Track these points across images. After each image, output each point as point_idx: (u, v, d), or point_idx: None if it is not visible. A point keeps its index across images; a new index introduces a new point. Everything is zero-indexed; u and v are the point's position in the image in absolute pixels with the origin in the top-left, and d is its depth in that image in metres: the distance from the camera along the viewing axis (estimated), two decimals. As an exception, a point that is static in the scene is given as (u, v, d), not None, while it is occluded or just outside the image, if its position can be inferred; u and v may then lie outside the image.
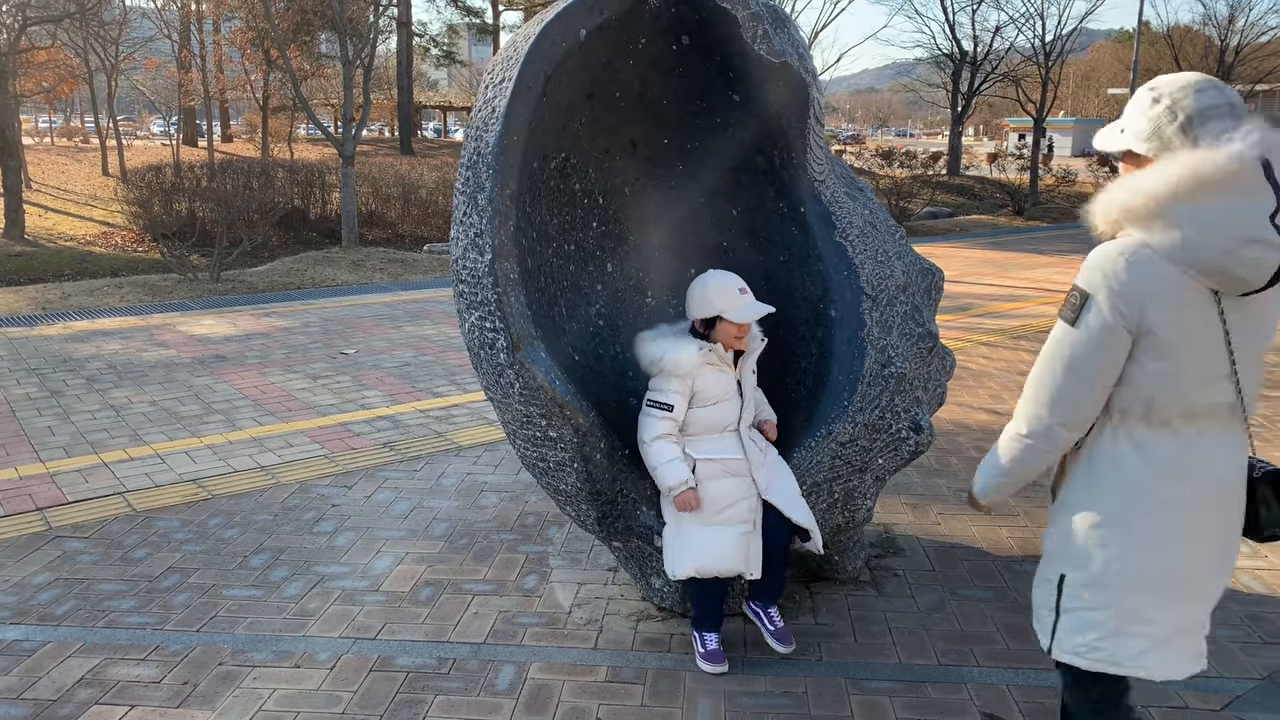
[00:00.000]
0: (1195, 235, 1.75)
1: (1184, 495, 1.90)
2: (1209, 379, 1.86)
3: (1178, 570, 1.93)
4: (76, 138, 43.10)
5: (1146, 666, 1.96)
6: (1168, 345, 1.83)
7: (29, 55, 20.25)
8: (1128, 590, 1.94)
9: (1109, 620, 1.96)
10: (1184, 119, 1.80)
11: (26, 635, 3.29)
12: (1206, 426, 1.90)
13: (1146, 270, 1.80)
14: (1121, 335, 1.84)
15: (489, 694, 2.94)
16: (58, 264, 12.70)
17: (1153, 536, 1.91)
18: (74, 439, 5.36)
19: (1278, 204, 1.71)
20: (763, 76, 3.34)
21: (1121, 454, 1.93)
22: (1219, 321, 1.83)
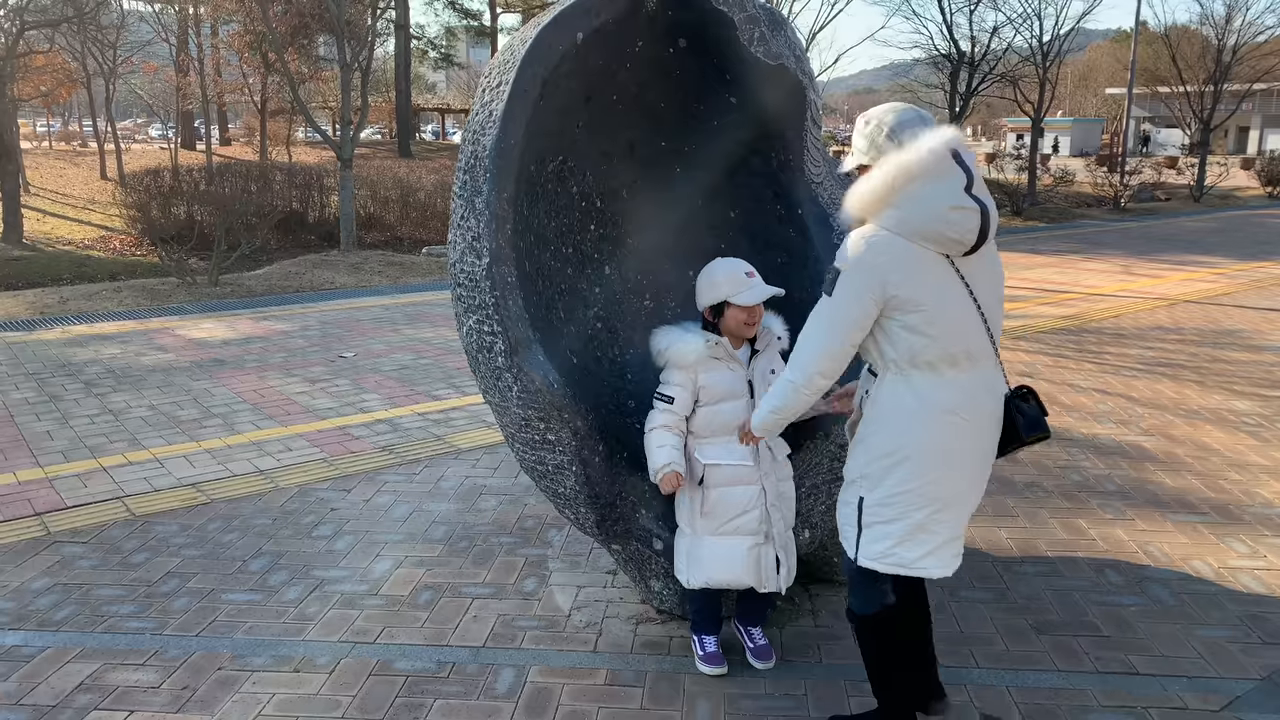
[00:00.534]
0: (912, 211, 2.25)
1: (953, 427, 2.33)
2: (962, 328, 2.31)
3: (950, 490, 2.37)
4: (75, 142, 43.10)
5: (925, 567, 2.41)
6: (914, 303, 2.28)
7: (27, 59, 20.25)
8: (912, 507, 2.37)
9: (899, 531, 2.39)
10: (889, 129, 2.33)
11: (25, 641, 3.29)
12: (968, 368, 2.34)
13: (882, 247, 2.28)
14: (865, 301, 2.29)
15: (488, 698, 2.94)
16: (56, 268, 12.69)
17: (929, 462, 2.34)
18: (72, 444, 5.35)
19: (968, 179, 2.25)
20: (760, 79, 3.34)
21: (900, 396, 2.35)
22: (959, 279, 2.30)
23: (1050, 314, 9.12)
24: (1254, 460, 5.02)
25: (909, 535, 2.39)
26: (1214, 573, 3.74)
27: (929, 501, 2.37)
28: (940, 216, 2.24)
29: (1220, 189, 26.35)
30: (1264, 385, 6.52)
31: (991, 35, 25.20)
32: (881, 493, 2.39)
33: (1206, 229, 17.48)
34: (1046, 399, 6.11)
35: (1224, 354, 7.45)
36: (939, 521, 2.38)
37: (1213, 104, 25.82)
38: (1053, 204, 22.10)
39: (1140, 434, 5.44)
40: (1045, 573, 3.74)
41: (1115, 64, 55.24)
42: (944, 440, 2.34)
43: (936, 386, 2.33)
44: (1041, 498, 4.49)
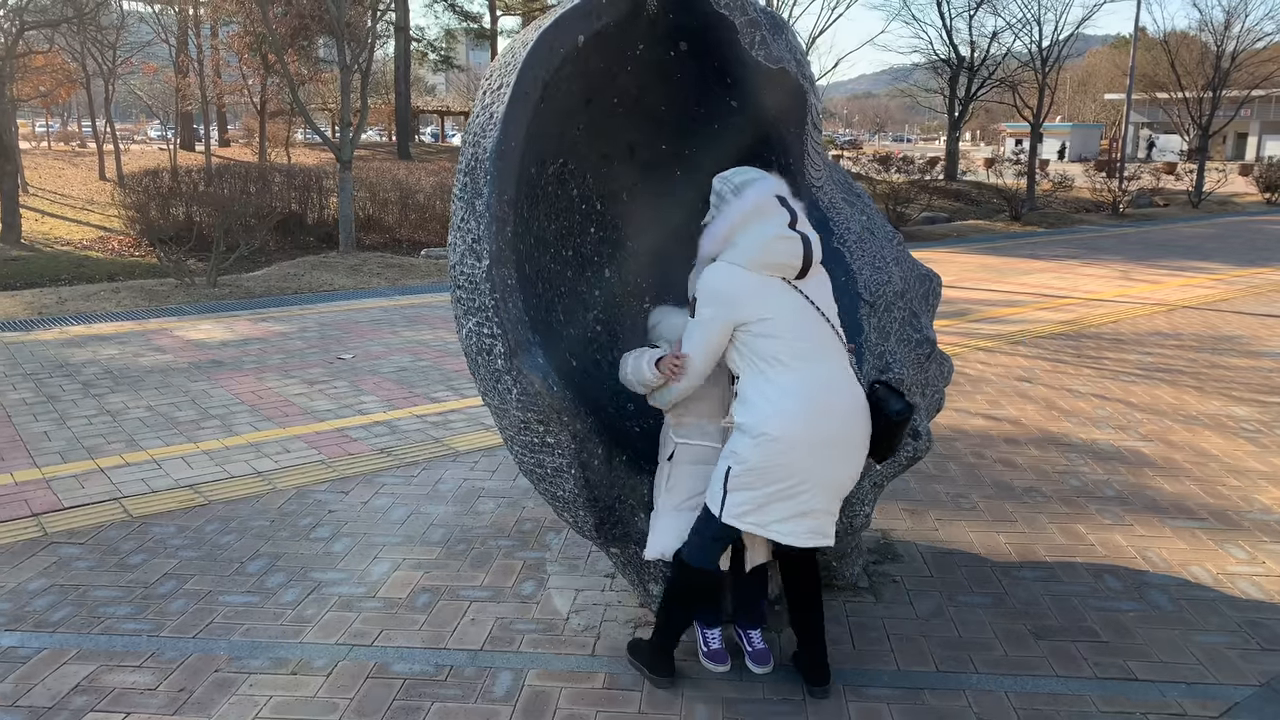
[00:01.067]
0: (746, 245, 2.80)
1: (805, 415, 2.73)
2: (805, 330, 2.79)
3: (803, 465, 2.75)
4: (74, 142, 43.08)
5: (779, 532, 2.81)
6: (758, 316, 2.77)
7: (26, 59, 20.24)
8: (770, 479, 2.76)
9: (757, 498, 2.78)
10: (733, 187, 2.90)
11: (22, 642, 3.28)
12: (816, 361, 2.79)
13: (728, 277, 2.80)
14: (720, 321, 2.80)
15: (486, 701, 2.93)
16: (54, 268, 12.68)
17: (785, 446, 2.73)
18: (70, 444, 5.34)
19: (791, 217, 2.83)
20: (760, 82, 3.34)
21: (760, 388, 2.79)
22: (800, 295, 2.82)
23: (1049, 319, 9.12)
24: (1252, 466, 5.02)
25: (766, 502, 2.78)
26: (1212, 578, 3.73)
27: (784, 477, 2.75)
28: (767, 247, 2.78)
29: (1218, 195, 26.41)
30: (1262, 391, 6.52)
31: (991, 40, 25.26)
32: (746, 465, 2.77)
33: (1205, 235, 17.50)
34: (1046, 404, 6.12)
35: (1222, 360, 7.45)
36: (792, 495, 2.77)
37: (1211, 110, 25.88)
38: (1051, 209, 22.12)
39: (1139, 439, 5.44)
40: (1044, 578, 3.74)
41: (1114, 69, 55.34)
42: (801, 425, 2.73)
43: (792, 379, 2.76)
44: (1040, 503, 4.48)
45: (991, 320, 9.07)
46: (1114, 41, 63.24)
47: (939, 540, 4.08)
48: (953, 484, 4.73)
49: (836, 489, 2.84)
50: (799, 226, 2.82)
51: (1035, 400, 6.23)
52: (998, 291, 10.76)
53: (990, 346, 7.89)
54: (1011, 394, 6.38)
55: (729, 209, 2.85)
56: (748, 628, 3.15)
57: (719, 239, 2.85)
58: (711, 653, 3.07)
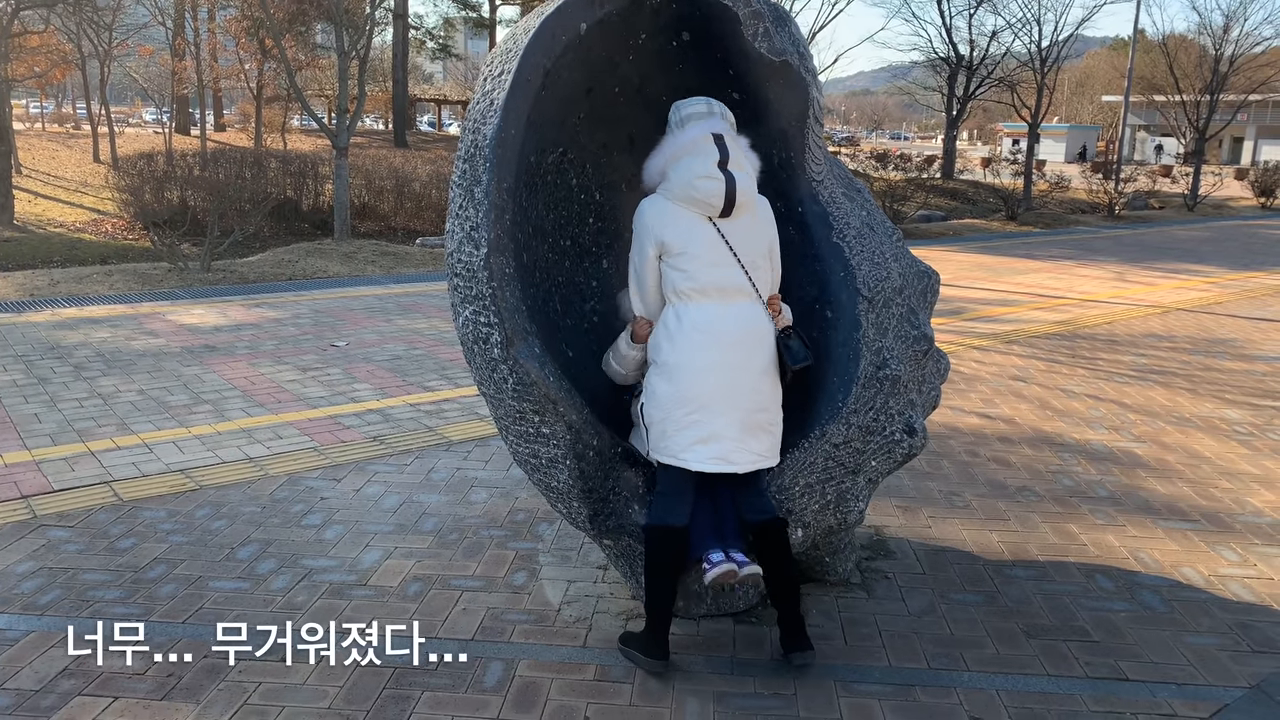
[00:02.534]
0: (674, 179, 2.96)
1: (702, 342, 2.94)
2: (712, 269, 2.95)
3: (701, 392, 2.94)
4: (68, 124, 42.82)
5: (685, 460, 2.97)
6: (675, 247, 2.96)
7: (22, 39, 20.09)
8: (673, 405, 2.96)
9: (664, 427, 2.98)
10: (680, 117, 3.05)
11: (9, 624, 3.26)
12: (720, 299, 2.97)
13: (656, 208, 2.99)
14: (647, 247, 2.99)
15: (477, 691, 2.92)
16: (47, 250, 12.61)
17: (684, 369, 2.94)
18: (60, 427, 5.31)
19: (720, 156, 2.94)
20: (763, 75, 3.32)
21: (668, 321, 3.00)
22: (717, 234, 2.97)
23: (1044, 319, 9.13)
24: (1245, 469, 5.03)
25: (674, 431, 2.96)
26: (1204, 580, 3.74)
27: (685, 401, 2.94)
28: (690, 184, 2.93)
29: (1214, 199, 26.46)
30: (1255, 394, 6.54)
31: (990, 40, 25.26)
32: (652, 396, 3.01)
33: (1200, 238, 17.55)
34: (1040, 404, 6.12)
35: (1216, 362, 7.47)
36: (695, 421, 2.94)
37: (1208, 114, 25.93)
38: (1047, 209, 22.15)
39: (1132, 440, 5.45)
40: (1036, 577, 3.74)
41: (1112, 71, 55.38)
42: (695, 351, 2.94)
43: (691, 310, 2.96)
44: (1033, 502, 4.49)
45: (987, 319, 9.08)
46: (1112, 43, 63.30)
47: (932, 538, 4.08)
48: (946, 482, 4.73)
49: (741, 418, 2.97)
50: (729, 166, 2.94)
51: (1029, 400, 6.23)
52: (993, 290, 10.77)
53: (985, 345, 7.90)
54: (1006, 393, 6.38)
55: (668, 142, 3.03)
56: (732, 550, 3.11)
57: (655, 172, 3.05)
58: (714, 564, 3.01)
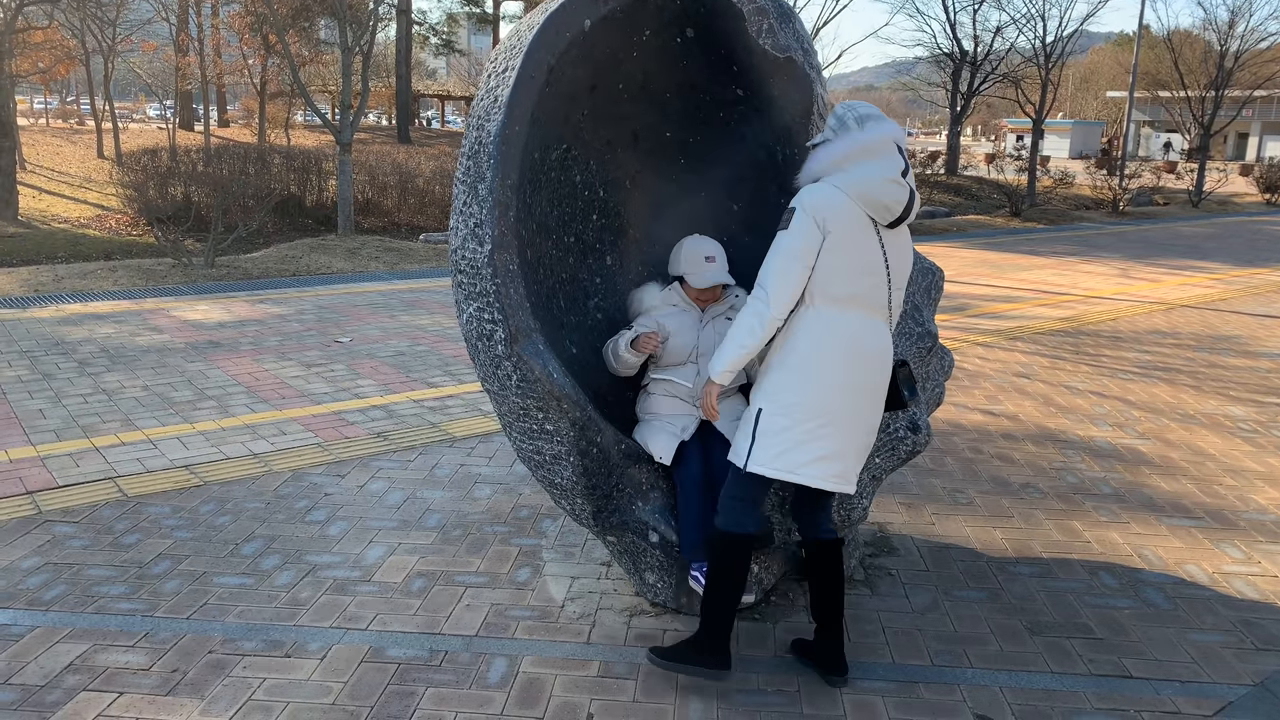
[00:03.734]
0: (859, 175, 2.77)
1: (843, 354, 2.78)
2: (866, 277, 2.79)
3: (834, 406, 2.78)
4: (72, 119, 42.86)
5: (801, 475, 2.79)
6: (836, 242, 2.75)
7: (25, 35, 20.10)
8: (803, 417, 2.77)
9: (786, 439, 2.78)
10: (857, 116, 2.85)
11: (14, 620, 3.27)
12: (863, 310, 2.81)
13: (828, 194, 2.76)
14: (813, 233, 2.74)
15: (480, 687, 2.93)
16: (51, 246, 12.63)
17: (821, 385, 2.77)
18: (65, 422, 5.32)
19: (904, 166, 2.80)
20: (767, 71, 3.32)
21: (810, 324, 2.79)
22: (878, 241, 2.82)
23: (1048, 315, 9.12)
24: (1249, 466, 5.03)
25: (798, 442, 2.78)
26: (1208, 577, 3.74)
27: (818, 414, 2.77)
28: (878, 185, 2.77)
29: (1218, 195, 26.41)
30: (1259, 391, 6.53)
31: (995, 35, 25.19)
32: (780, 404, 2.79)
33: (1204, 234, 17.50)
34: (1043, 400, 6.12)
35: (1220, 359, 7.45)
36: (823, 435, 2.78)
37: (1213, 109, 25.85)
38: (1051, 206, 22.11)
39: (1136, 437, 5.44)
40: (1039, 574, 3.74)
41: (1117, 67, 55.25)
42: (838, 366, 2.78)
43: (841, 320, 2.79)
44: (1036, 499, 4.48)
45: (990, 315, 9.06)
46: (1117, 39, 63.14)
47: (935, 535, 4.08)
48: (950, 479, 4.73)
49: (862, 438, 2.87)
50: (908, 178, 2.81)
51: (1033, 396, 6.22)
52: (997, 287, 10.75)
53: (989, 342, 7.89)
54: (1010, 390, 6.37)
55: (850, 136, 2.81)
56: None
57: (830, 162, 2.82)
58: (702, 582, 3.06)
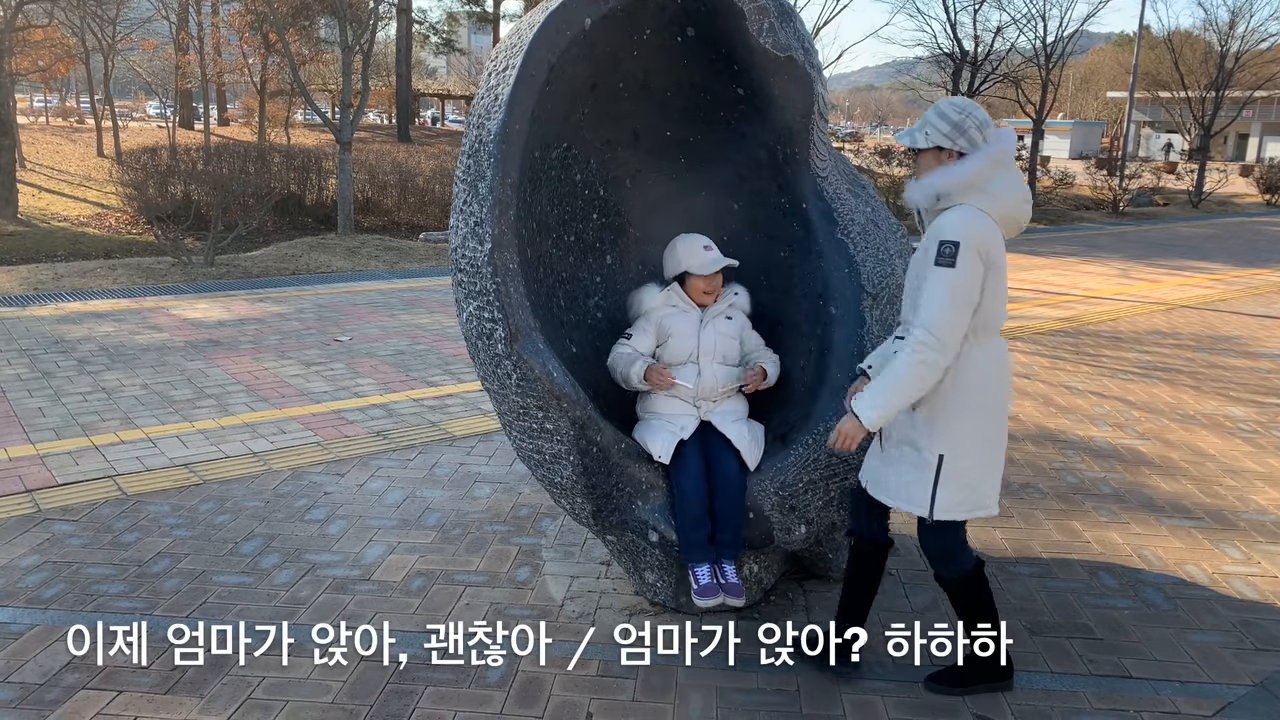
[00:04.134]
0: (1001, 196, 2.61)
1: (1002, 383, 2.74)
2: (1005, 301, 2.71)
3: (1000, 434, 2.76)
4: (72, 118, 42.83)
5: (989, 507, 2.77)
6: (996, 274, 2.62)
7: (25, 33, 20.08)
8: (985, 453, 2.72)
9: (978, 476, 2.71)
10: (979, 123, 2.63)
11: (14, 618, 3.26)
12: (1000, 335, 2.75)
13: (983, 223, 2.59)
14: (979, 268, 2.58)
15: (479, 686, 2.92)
16: (51, 244, 12.62)
17: (992, 413, 2.72)
18: (65, 421, 5.32)
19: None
20: (768, 70, 3.31)
21: (974, 361, 2.66)
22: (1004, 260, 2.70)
23: (1048, 315, 9.11)
24: (1249, 466, 5.02)
25: (982, 478, 2.71)
26: (1208, 578, 3.73)
27: (996, 445, 2.74)
28: (1017, 204, 2.65)
29: (1219, 195, 26.38)
30: (1259, 392, 6.52)
31: (995, 35, 25.14)
32: (964, 446, 2.67)
33: (1204, 235, 17.50)
34: (1043, 400, 6.11)
35: (1220, 360, 7.45)
36: (998, 463, 2.77)
37: (1214, 110, 25.84)
38: (1051, 206, 22.10)
39: (1136, 438, 5.44)
40: (1039, 574, 3.73)
41: (1117, 67, 55.22)
42: (1002, 394, 2.74)
43: (998, 349, 2.72)
44: (1036, 499, 4.48)
45: (990, 316, 9.05)
46: (1117, 39, 63.14)
47: (935, 534, 4.07)
48: (949, 478, 4.72)
49: None
50: None
51: (1033, 396, 6.22)
52: (997, 287, 10.74)
53: (989, 342, 7.87)
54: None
55: (987, 149, 2.61)
56: (725, 561, 3.15)
57: (964, 180, 2.59)
58: (701, 589, 3.08)
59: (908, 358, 2.59)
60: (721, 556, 3.15)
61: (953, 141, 2.62)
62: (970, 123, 2.61)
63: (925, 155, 2.68)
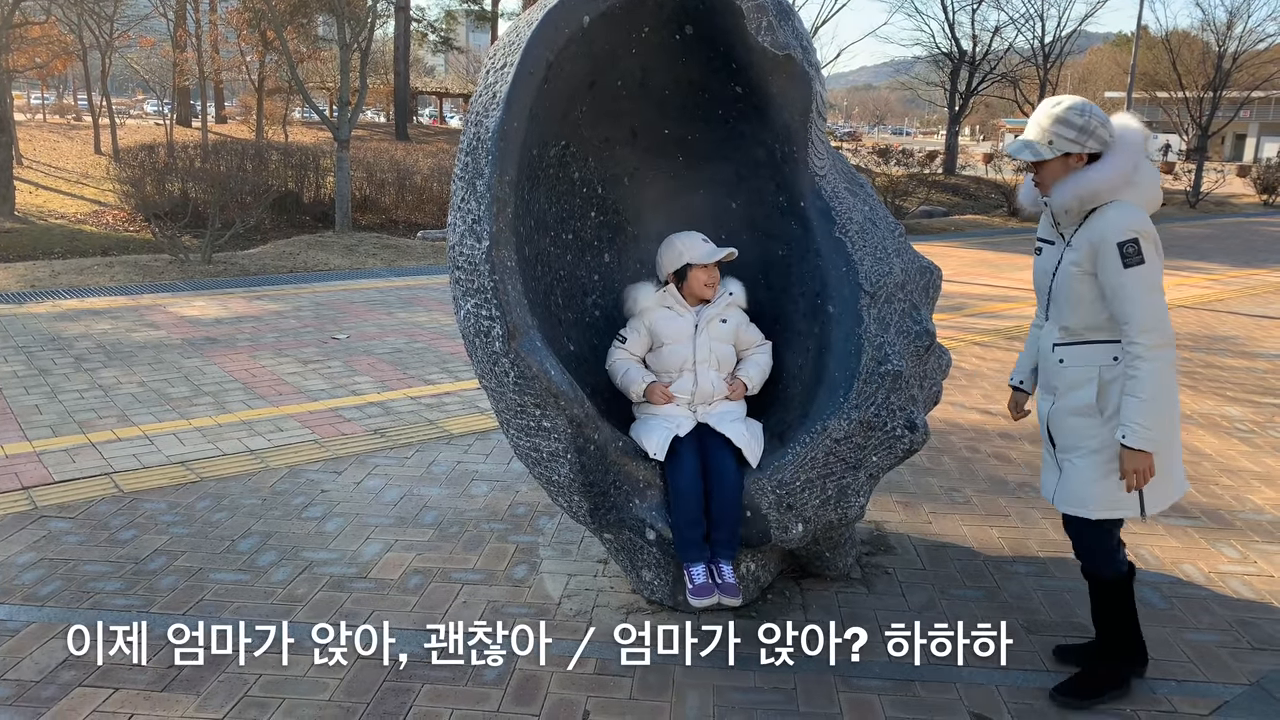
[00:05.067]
0: (1149, 187, 2.64)
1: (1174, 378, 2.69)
2: None
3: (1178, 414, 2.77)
4: (69, 115, 42.77)
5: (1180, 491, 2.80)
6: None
7: (23, 30, 20.05)
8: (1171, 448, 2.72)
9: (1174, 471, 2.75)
10: (1101, 120, 2.63)
11: (10, 615, 3.26)
12: None
13: (1143, 215, 2.59)
14: (1157, 255, 2.59)
15: (477, 684, 2.92)
16: (48, 241, 12.60)
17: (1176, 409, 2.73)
18: (61, 418, 5.31)
19: None
20: (766, 69, 3.31)
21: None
22: None
23: (1045, 315, 9.11)
24: (1245, 466, 5.03)
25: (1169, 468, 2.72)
26: (1204, 577, 3.74)
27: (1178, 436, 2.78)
28: (1158, 189, 2.68)
29: (1216, 195, 26.42)
30: (1256, 392, 6.53)
31: (993, 35, 25.18)
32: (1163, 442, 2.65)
33: (1201, 235, 17.52)
34: (1040, 400, 6.11)
35: (1217, 360, 7.46)
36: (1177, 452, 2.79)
37: (1211, 110, 25.87)
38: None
39: (1133, 437, 5.44)
40: (1036, 572, 3.74)
41: (1115, 68, 55.23)
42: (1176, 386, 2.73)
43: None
44: (1033, 498, 4.48)
45: (988, 315, 9.07)
46: (1115, 39, 63.16)
47: (932, 533, 4.08)
48: (947, 477, 4.73)
49: None
50: None
51: (1033, 397, 6.21)
52: (994, 286, 10.76)
53: (986, 341, 7.89)
54: (1007, 389, 6.35)
55: (1130, 146, 2.62)
56: (721, 560, 3.15)
57: (1120, 178, 2.59)
58: (696, 588, 3.08)
59: (1150, 367, 2.57)
60: (718, 556, 3.15)
61: (1081, 145, 2.62)
62: (1094, 123, 2.60)
63: (1052, 163, 2.67)
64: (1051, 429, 2.86)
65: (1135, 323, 2.57)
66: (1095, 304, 2.67)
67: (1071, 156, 2.64)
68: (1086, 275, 2.65)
